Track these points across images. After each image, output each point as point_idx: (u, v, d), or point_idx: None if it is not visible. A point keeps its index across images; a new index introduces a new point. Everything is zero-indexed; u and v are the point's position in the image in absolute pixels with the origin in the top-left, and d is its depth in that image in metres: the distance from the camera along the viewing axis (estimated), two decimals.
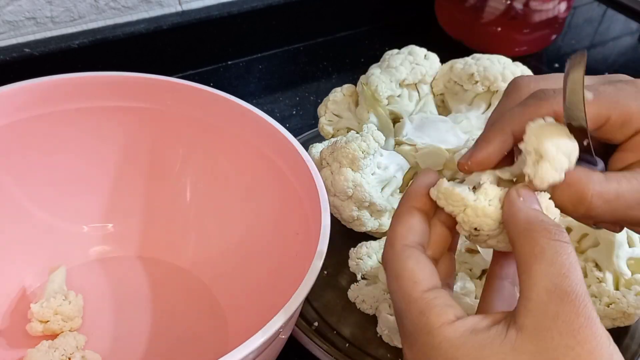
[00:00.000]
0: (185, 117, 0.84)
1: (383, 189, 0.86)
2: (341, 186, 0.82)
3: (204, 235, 0.89)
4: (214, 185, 0.88)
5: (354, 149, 0.81)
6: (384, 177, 0.85)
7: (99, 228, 0.89)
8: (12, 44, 1.06)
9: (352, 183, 0.81)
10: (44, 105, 0.79)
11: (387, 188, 0.86)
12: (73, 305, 0.78)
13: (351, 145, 0.82)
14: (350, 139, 0.83)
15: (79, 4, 1.09)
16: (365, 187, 0.82)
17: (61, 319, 0.77)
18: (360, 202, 0.83)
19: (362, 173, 0.82)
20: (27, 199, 0.83)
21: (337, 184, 0.82)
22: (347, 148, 0.82)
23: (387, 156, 0.86)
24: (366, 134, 0.83)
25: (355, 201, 0.83)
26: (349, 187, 0.82)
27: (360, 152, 0.81)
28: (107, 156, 0.87)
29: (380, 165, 0.84)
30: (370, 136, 0.82)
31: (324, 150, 0.87)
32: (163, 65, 1.19)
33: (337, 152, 0.83)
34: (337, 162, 0.83)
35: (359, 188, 0.81)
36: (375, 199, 0.83)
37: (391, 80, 0.91)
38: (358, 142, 0.82)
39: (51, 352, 0.74)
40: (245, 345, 0.53)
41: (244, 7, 1.25)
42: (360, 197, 0.82)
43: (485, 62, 0.91)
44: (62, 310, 0.76)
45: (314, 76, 1.34)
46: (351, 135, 0.84)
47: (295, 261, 0.73)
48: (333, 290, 0.89)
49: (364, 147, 0.81)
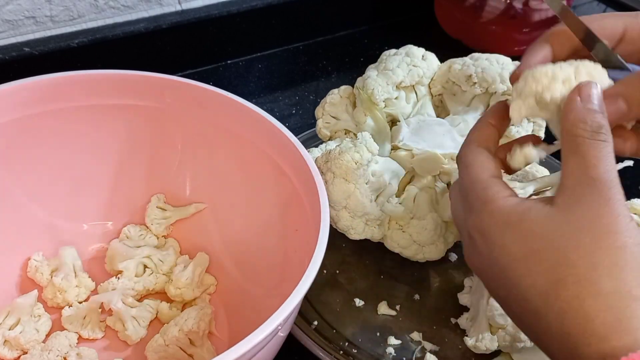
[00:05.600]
0: (185, 115, 0.84)
1: (377, 197, 0.85)
2: (335, 196, 0.82)
3: (202, 233, 0.90)
4: (213, 183, 0.88)
5: (348, 160, 0.80)
6: (378, 186, 0.84)
7: (98, 226, 0.90)
8: (11, 43, 1.06)
9: (345, 194, 0.81)
10: (43, 103, 0.79)
11: (382, 196, 0.86)
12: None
13: (344, 156, 0.81)
14: (344, 149, 0.82)
15: (78, 3, 1.09)
16: (359, 198, 0.81)
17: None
18: (354, 212, 0.82)
19: (355, 184, 0.82)
20: (26, 196, 0.83)
21: (331, 194, 0.82)
22: (341, 159, 0.81)
23: (382, 163, 0.85)
24: (360, 145, 0.82)
25: (349, 211, 0.83)
26: (342, 198, 0.82)
27: (353, 164, 0.80)
28: (106, 154, 0.87)
29: (375, 173, 0.84)
30: (363, 147, 0.82)
31: (318, 159, 0.86)
32: (163, 65, 1.18)
33: (331, 163, 0.83)
34: (330, 172, 0.83)
35: (352, 198, 0.81)
36: (369, 209, 0.83)
37: (388, 82, 0.90)
38: (351, 153, 0.81)
39: (45, 354, 0.74)
40: (244, 342, 0.53)
41: (243, 7, 1.26)
42: (354, 208, 0.82)
43: (484, 63, 0.90)
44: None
45: (314, 75, 1.34)
46: (344, 146, 0.83)
47: (294, 258, 0.73)
48: (332, 288, 0.89)
49: (357, 158, 0.81)
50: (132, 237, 0.89)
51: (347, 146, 0.83)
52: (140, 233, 0.89)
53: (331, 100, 0.96)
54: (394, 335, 0.84)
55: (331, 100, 0.96)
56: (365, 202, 0.82)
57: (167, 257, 0.86)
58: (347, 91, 0.96)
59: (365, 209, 0.82)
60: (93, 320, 0.79)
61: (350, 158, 0.81)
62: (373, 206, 0.83)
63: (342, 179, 0.81)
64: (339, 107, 0.96)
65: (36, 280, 0.82)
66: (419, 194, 0.87)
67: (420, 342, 0.84)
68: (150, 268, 0.86)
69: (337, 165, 0.81)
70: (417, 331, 0.85)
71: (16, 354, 0.76)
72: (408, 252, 0.88)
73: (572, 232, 0.51)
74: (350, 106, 0.95)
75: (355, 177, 0.81)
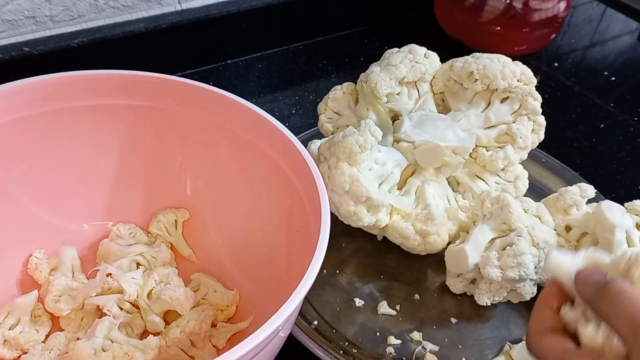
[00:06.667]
0: (185, 114, 0.84)
1: (380, 185, 0.86)
2: (338, 181, 0.82)
3: (203, 232, 0.90)
4: (213, 182, 0.88)
5: (351, 142, 0.81)
6: (381, 173, 0.85)
7: (99, 226, 0.89)
8: (11, 43, 1.06)
9: (349, 177, 0.81)
10: (44, 103, 0.79)
11: (385, 184, 0.86)
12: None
13: (348, 139, 0.82)
14: (348, 134, 0.83)
15: (78, 3, 1.09)
16: (362, 182, 0.82)
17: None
18: (357, 197, 0.82)
19: (359, 168, 0.82)
20: (27, 197, 0.83)
21: (335, 179, 0.83)
22: (344, 142, 0.82)
23: (385, 152, 0.86)
24: (364, 129, 0.83)
25: (352, 196, 0.83)
26: (345, 182, 0.82)
27: (357, 147, 0.81)
28: (107, 154, 0.87)
29: (378, 161, 0.84)
30: (367, 131, 0.83)
31: (321, 146, 0.88)
32: (163, 64, 1.18)
33: (335, 147, 0.84)
34: (334, 156, 0.83)
35: (355, 183, 0.81)
36: (372, 194, 0.83)
37: (391, 78, 0.91)
38: (355, 136, 0.82)
39: (46, 354, 0.74)
40: (245, 343, 0.53)
41: (243, 6, 1.26)
42: (357, 192, 0.82)
43: (485, 61, 0.91)
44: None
45: (314, 75, 1.34)
46: (349, 130, 0.84)
47: (295, 259, 0.73)
48: (332, 288, 0.89)
49: (361, 142, 0.82)
50: (122, 235, 0.88)
51: (350, 131, 0.84)
52: (130, 231, 0.89)
53: (334, 95, 0.97)
54: (394, 335, 0.84)
55: (334, 96, 0.97)
56: (369, 186, 0.82)
57: (160, 253, 0.86)
58: (349, 87, 0.97)
59: (368, 194, 0.82)
60: (90, 322, 0.79)
61: (354, 141, 0.82)
62: (376, 191, 0.84)
63: (345, 163, 0.82)
64: (341, 103, 0.96)
65: (35, 277, 0.82)
66: (420, 186, 0.87)
67: (420, 342, 0.84)
68: (144, 265, 0.85)
69: (341, 149, 0.82)
70: (417, 331, 0.85)
71: (16, 353, 0.76)
72: (409, 243, 0.88)
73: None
74: (352, 102, 0.96)
75: (358, 161, 0.81)
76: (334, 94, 0.97)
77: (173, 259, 0.88)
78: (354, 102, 0.96)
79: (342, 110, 0.96)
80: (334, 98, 0.97)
